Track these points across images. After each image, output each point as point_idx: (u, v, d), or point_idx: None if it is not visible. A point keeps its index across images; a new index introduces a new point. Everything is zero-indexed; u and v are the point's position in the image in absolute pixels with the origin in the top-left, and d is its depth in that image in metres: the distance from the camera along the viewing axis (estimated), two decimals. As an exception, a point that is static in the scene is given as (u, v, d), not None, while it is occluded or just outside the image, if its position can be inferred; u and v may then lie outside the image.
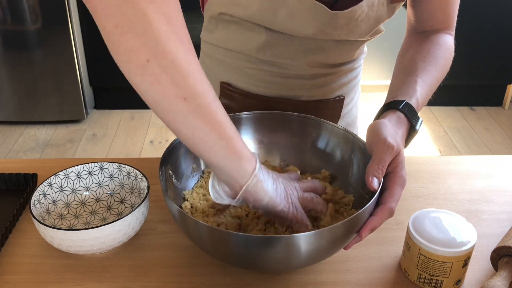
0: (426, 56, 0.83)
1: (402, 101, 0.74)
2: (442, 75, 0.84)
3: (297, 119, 0.83)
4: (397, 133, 0.71)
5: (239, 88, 0.94)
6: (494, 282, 0.66)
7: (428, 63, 0.82)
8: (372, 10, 0.82)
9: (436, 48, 0.85)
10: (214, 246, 0.65)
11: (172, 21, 0.53)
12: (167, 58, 0.52)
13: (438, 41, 0.86)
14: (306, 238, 0.59)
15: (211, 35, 0.94)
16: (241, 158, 0.60)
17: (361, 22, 0.83)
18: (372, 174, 0.67)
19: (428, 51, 0.84)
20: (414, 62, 0.82)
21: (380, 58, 3.01)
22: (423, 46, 0.85)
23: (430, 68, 0.81)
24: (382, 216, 0.65)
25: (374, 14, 0.83)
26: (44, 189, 0.77)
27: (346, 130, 0.79)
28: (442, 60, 0.84)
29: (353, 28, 0.83)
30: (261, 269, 0.70)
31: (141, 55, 0.52)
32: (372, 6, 0.82)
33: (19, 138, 2.78)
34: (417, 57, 0.83)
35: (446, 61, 0.85)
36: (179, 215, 0.64)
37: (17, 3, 2.54)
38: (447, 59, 0.86)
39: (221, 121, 0.58)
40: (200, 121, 0.56)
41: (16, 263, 0.72)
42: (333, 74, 0.93)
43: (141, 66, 0.52)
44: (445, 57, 0.85)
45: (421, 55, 0.83)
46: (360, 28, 0.84)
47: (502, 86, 3.19)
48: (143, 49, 0.52)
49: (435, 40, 0.86)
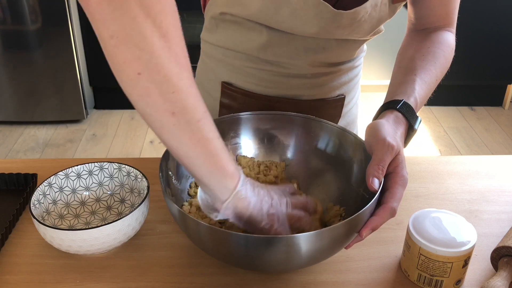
0: (425, 54, 0.83)
1: (400, 101, 0.74)
2: (442, 73, 0.84)
3: (297, 119, 0.83)
4: (396, 132, 0.71)
5: (240, 87, 0.94)
6: (494, 282, 0.66)
7: (428, 61, 0.82)
8: (375, 10, 0.82)
9: (435, 46, 0.84)
10: (214, 246, 0.65)
11: (168, 35, 0.53)
12: (160, 72, 0.53)
13: (438, 38, 0.86)
14: (307, 238, 0.59)
15: (211, 35, 0.94)
16: (224, 175, 0.60)
17: (364, 22, 0.83)
18: (372, 175, 0.66)
19: (428, 49, 0.84)
20: (413, 60, 0.82)
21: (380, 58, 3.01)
22: (423, 44, 0.85)
23: (429, 67, 0.81)
24: (384, 216, 0.65)
25: (377, 15, 0.83)
26: (44, 189, 0.77)
27: (346, 130, 0.79)
28: (441, 59, 0.83)
29: (356, 28, 0.83)
30: (262, 270, 0.70)
31: (134, 68, 0.52)
32: (375, 6, 0.81)
33: (19, 138, 2.78)
34: (416, 56, 0.83)
35: (446, 59, 0.85)
36: (179, 215, 0.64)
37: (17, 3, 2.54)
38: (447, 57, 0.85)
39: (208, 138, 0.58)
40: (186, 137, 0.57)
41: (16, 263, 0.72)
42: (333, 73, 0.93)
43: (133, 79, 0.53)
44: (445, 55, 0.84)
45: (420, 53, 0.83)
46: (362, 29, 0.84)
47: (502, 86, 3.19)
48: (136, 62, 0.52)
49: (435, 38, 0.86)
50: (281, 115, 0.83)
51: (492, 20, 2.87)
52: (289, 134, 0.84)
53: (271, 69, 0.91)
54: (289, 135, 0.84)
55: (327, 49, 0.87)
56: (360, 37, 0.87)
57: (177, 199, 0.75)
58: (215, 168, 0.59)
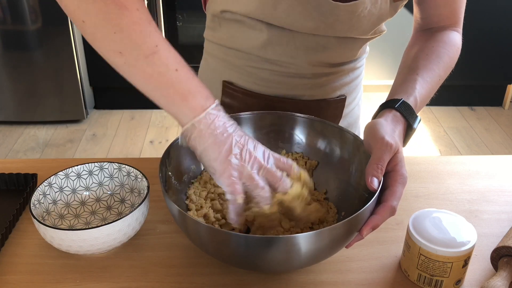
0: (429, 54, 0.83)
1: (399, 100, 0.74)
2: (446, 73, 0.84)
3: (297, 119, 0.83)
4: (395, 131, 0.71)
5: (240, 87, 0.94)
6: (494, 282, 0.66)
7: (431, 61, 0.82)
8: (375, 7, 0.82)
9: (440, 45, 0.84)
10: (214, 247, 0.65)
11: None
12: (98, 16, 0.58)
13: (443, 38, 0.86)
14: (307, 238, 0.59)
15: (214, 34, 0.94)
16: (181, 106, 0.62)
17: (363, 18, 0.82)
18: (371, 174, 0.67)
19: (432, 48, 0.84)
20: (416, 60, 0.82)
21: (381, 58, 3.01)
22: (427, 44, 0.85)
23: (432, 66, 0.81)
24: (384, 215, 0.65)
25: (377, 12, 0.83)
26: (44, 189, 0.77)
27: (346, 130, 0.79)
28: (445, 58, 0.83)
29: (355, 24, 0.83)
30: (262, 270, 0.70)
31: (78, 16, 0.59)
32: (375, 3, 0.81)
33: (19, 138, 2.78)
34: (420, 55, 0.83)
35: (450, 58, 0.85)
36: (179, 215, 0.64)
37: (17, 3, 2.54)
38: (452, 56, 0.85)
39: (161, 72, 0.60)
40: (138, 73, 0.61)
41: (16, 263, 0.72)
42: (335, 74, 0.93)
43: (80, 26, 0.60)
44: (449, 54, 0.84)
45: (424, 53, 0.83)
46: (362, 25, 0.84)
47: (502, 86, 3.19)
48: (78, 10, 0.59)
49: (440, 37, 0.86)
50: (281, 115, 0.83)
51: (492, 20, 2.87)
52: (289, 134, 0.84)
53: (271, 69, 0.91)
54: (288, 135, 0.84)
55: (327, 47, 0.87)
56: (360, 35, 0.87)
57: (177, 199, 0.75)
58: (171, 100, 0.62)
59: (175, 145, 0.74)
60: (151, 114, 3.00)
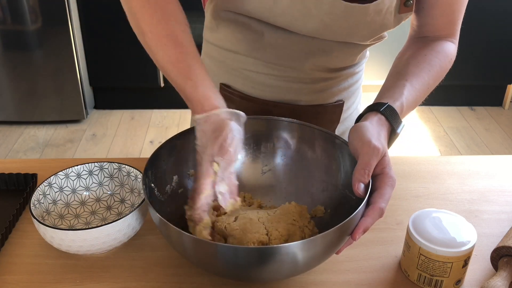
0: (420, 61, 0.82)
1: (385, 104, 0.74)
2: (435, 82, 0.83)
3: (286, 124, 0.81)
4: (380, 134, 0.71)
5: (237, 90, 0.93)
6: (494, 282, 0.66)
7: (422, 68, 0.81)
8: (379, 15, 0.81)
9: (433, 54, 0.83)
10: (200, 259, 0.63)
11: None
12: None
13: (437, 47, 0.85)
14: (299, 246, 0.59)
15: (212, 34, 0.93)
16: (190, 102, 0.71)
17: (365, 24, 0.82)
18: (358, 180, 0.67)
19: (424, 56, 0.83)
20: (407, 66, 0.82)
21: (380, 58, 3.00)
22: (420, 51, 0.84)
23: (422, 74, 0.80)
24: (373, 217, 0.65)
25: (380, 21, 0.82)
26: (44, 189, 0.77)
27: (336, 136, 0.78)
28: (437, 67, 0.83)
29: (356, 28, 0.82)
30: (254, 281, 0.69)
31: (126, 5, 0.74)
32: (379, 11, 0.80)
33: (19, 138, 2.78)
34: (411, 62, 0.82)
35: (441, 68, 0.84)
36: (161, 224, 0.62)
37: (17, 3, 2.54)
38: (443, 66, 0.85)
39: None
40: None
41: (16, 263, 0.72)
42: (333, 79, 0.93)
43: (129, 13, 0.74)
44: (441, 64, 0.84)
45: (415, 60, 0.83)
46: (363, 31, 0.83)
47: (502, 86, 3.19)
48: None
49: (434, 46, 0.85)
50: (269, 120, 0.82)
51: (492, 20, 2.87)
52: (277, 139, 0.82)
53: (269, 73, 0.90)
54: (277, 140, 0.82)
55: (327, 52, 0.86)
56: (360, 41, 0.87)
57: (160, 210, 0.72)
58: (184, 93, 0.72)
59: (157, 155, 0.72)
60: (151, 114, 3.00)
